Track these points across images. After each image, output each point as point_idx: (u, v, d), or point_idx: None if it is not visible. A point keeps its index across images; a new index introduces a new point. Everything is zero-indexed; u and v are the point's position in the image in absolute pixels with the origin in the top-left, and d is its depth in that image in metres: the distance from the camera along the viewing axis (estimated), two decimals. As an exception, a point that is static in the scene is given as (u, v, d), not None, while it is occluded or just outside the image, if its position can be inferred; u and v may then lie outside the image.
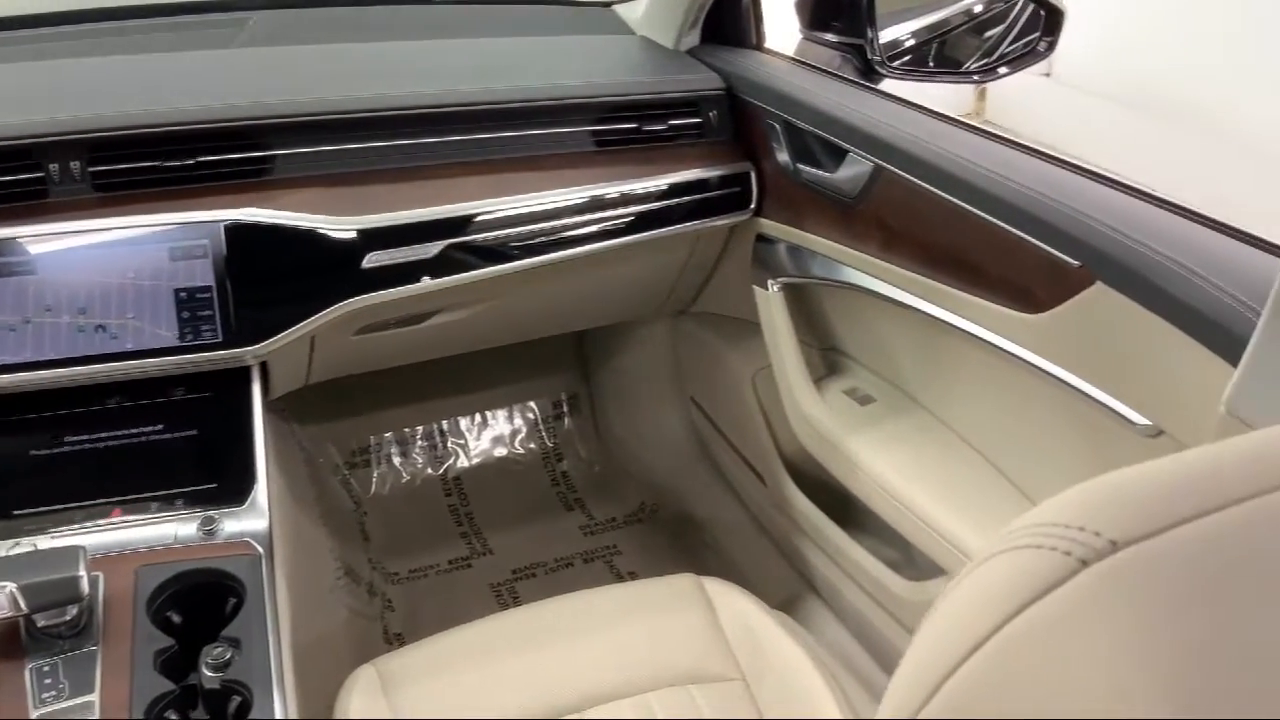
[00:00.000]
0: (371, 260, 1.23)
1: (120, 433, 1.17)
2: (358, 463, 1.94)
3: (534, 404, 2.07)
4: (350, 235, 1.22)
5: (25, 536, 1.04)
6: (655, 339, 1.93)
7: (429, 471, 1.98)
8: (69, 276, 1.13)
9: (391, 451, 1.96)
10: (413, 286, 1.27)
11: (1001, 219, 1.05)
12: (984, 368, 1.21)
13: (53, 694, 0.90)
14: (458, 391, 2.02)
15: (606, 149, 1.40)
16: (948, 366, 1.30)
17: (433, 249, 1.27)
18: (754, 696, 1.11)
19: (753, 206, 1.47)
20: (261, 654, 0.96)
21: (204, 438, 1.17)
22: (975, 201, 1.08)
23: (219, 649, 0.93)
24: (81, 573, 0.91)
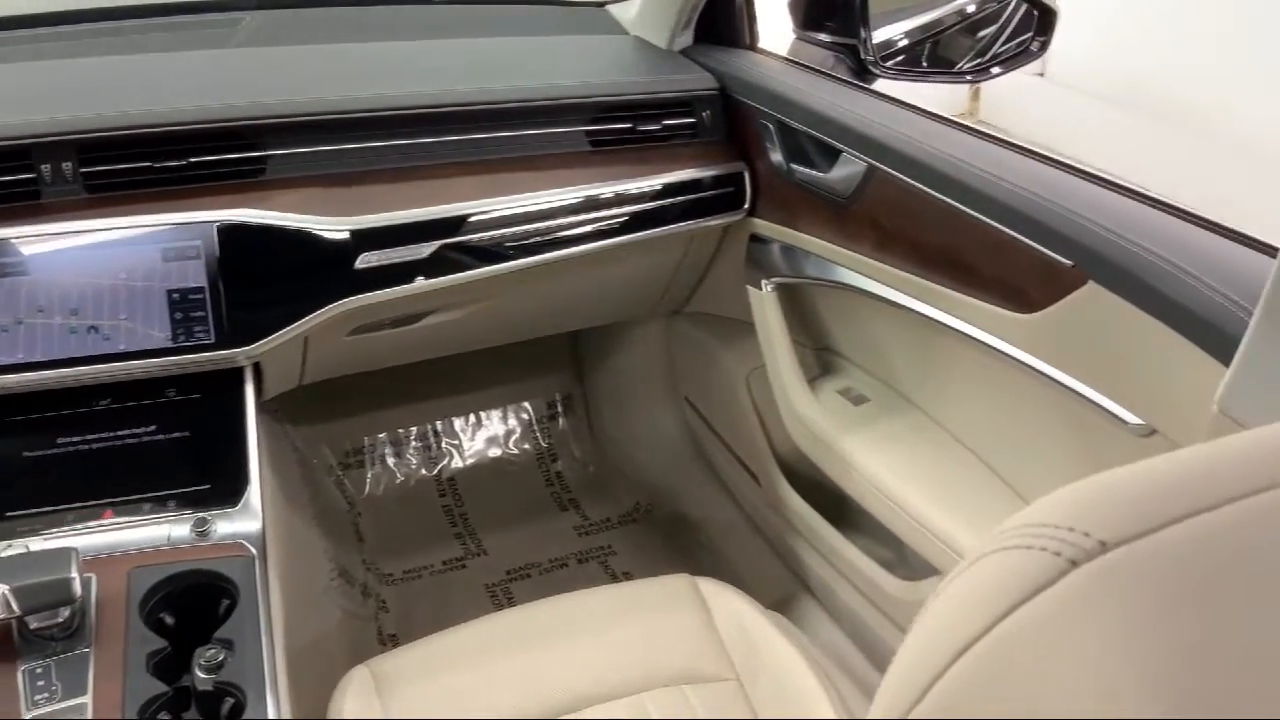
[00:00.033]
0: (365, 261, 1.23)
1: (113, 434, 1.16)
2: (352, 463, 1.94)
3: (528, 404, 2.07)
4: (343, 236, 1.22)
5: (17, 538, 1.03)
6: (649, 339, 1.92)
7: (423, 472, 1.97)
8: (61, 277, 1.13)
9: (385, 452, 1.96)
10: (406, 287, 1.27)
11: (994, 219, 1.05)
12: (977, 367, 1.21)
13: (45, 696, 0.90)
14: (452, 392, 2.02)
15: (601, 149, 1.40)
16: (941, 366, 1.30)
17: (426, 249, 1.27)
18: (748, 697, 1.11)
19: (746, 206, 1.47)
20: (255, 655, 0.96)
21: (197, 439, 1.17)
22: (968, 201, 1.08)
23: (212, 650, 0.92)
24: (74, 574, 0.91)
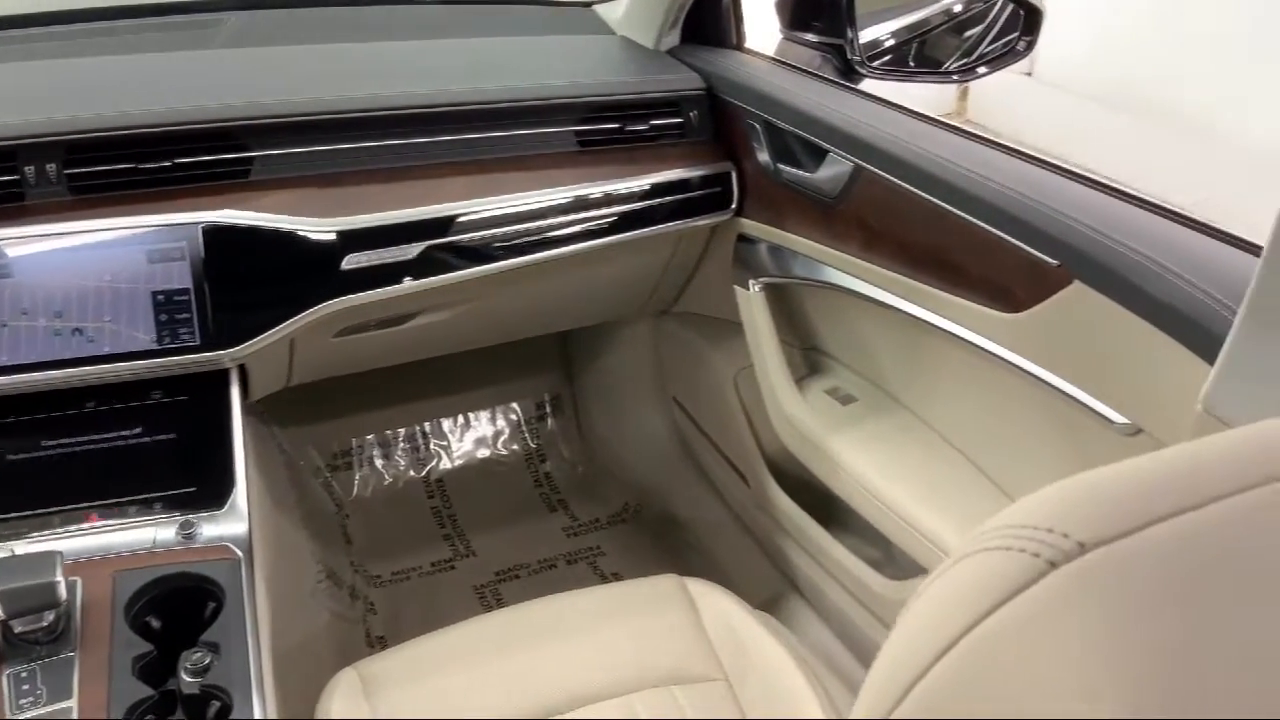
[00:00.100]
0: (351, 262, 1.23)
1: (97, 436, 1.16)
2: (339, 465, 1.93)
3: (517, 405, 2.06)
4: (329, 236, 1.22)
5: (2, 542, 1.03)
6: (638, 339, 1.92)
7: (411, 473, 1.97)
8: (45, 279, 1.12)
9: (373, 454, 1.95)
10: (394, 288, 1.27)
11: (981, 219, 1.05)
12: (964, 367, 1.21)
13: (30, 700, 0.89)
14: (440, 393, 2.01)
15: (589, 149, 1.40)
16: (928, 366, 1.30)
17: (413, 250, 1.27)
18: (737, 697, 1.11)
19: (734, 206, 1.47)
20: (241, 658, 0.96)
21: (182, 441, 1.17)
22: (955, 201, 1.08)
23: (198, 654, 0.92)
24: (58, 578, 0.91)
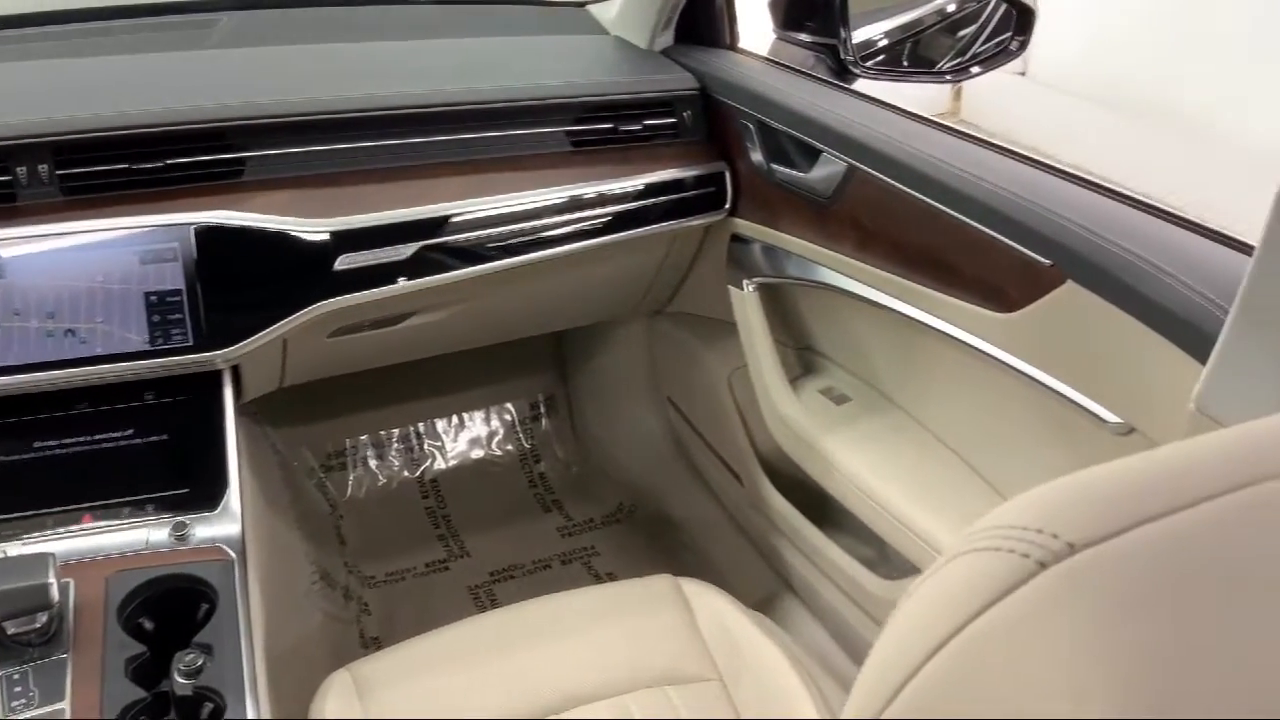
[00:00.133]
0: (344, 262, 1.23)
1: (90, 438, 1.16)
2: (333, 466, 1.93)
3: (511, 405, 2.06)
4: (322, 237, 1.21)
5: (-6, 543, 1.03)
6: (632, 339, 1.92)
7: (405, 474, 1.97)
8: (37, 280, 1.12)
9: (367, 454, 1.95)
10: (387, 288, 1.27)
11: (974, 219, 1.05)
12: (958, 367, 1.21)
13: (22, 702, 0.89)
14: (434, 393, 2.01)
15: (582, 149, 1.40)
16: (922, 366, 1.30)
17: (407, 250, 1.27)
18: (731, 697, 1.11)
19: (727, 206, 1.47)
20: (234, 660, 0.96)
21: (175, 442, 1.16)
22: (948, 201, 1.08)
23: (191, 655, 0.92)
24: (51, 580, 0.91)
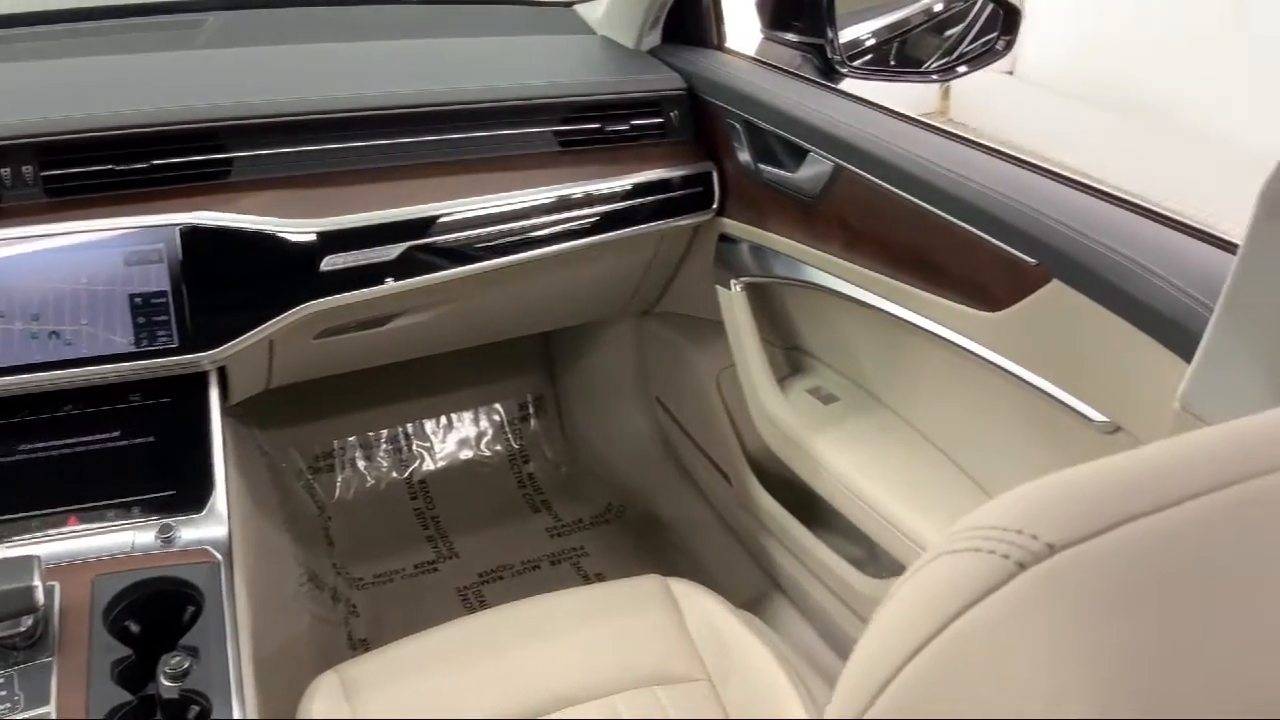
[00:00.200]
0: (330, 263, 1.22)
1: (76, 440, 1.15)
2: (321, 467, 1.92)
3: (500, 406, 2.06)
4: (308, 238, 1.21)
5: (-22, 546, 1.02)
6: (620, 339, 1.92)
7: (394, 475, 1.96)
8: (21, 282, 1.12)
9: (356, 455, 1.95)
10: (374, 289, 1.26)
11: (960, 218, 1.05)
12: (945, 366, 1.22)
13: (7, 706, 0.89)
14: (422, 394, 2.01)
15: (570, 149, 1.40)
16: (909, 365, 1.31)
17: (394, 251, 1.26)
18: (719, 697, 1.11)
19: (715, 206, 1.47)
20: (220, 662, 0.95)
21: (161, 444, 1.16)
22: (934, 201, 1.08)
23: (177, 658, 0.91)
24: (36, 583, 0.90)
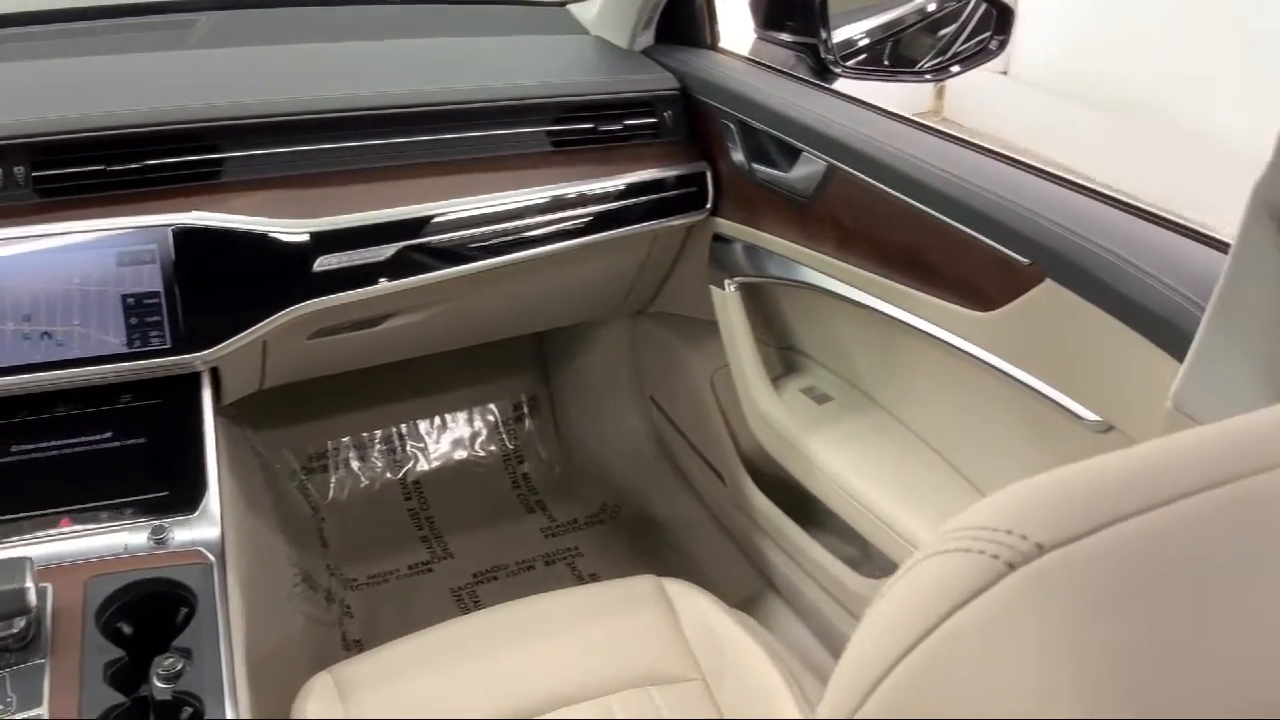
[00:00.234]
0: (323, 263, 1.22)
1: (68, 441, 1.15)
2: (315, 468, 1.92)
3: (494, 406, 2.06)
4: (302, 238, 1.21)
5: (-29, 548, 1.02)
6: (614, 339, 1.92)
7: (388, 475, 1.96)
8: (13, 283, 1.11)
9: (350, 456, 1.94)
10: (368, 289, 1.26)
11: (953, 218, 1.05)
12: (939, 366, 1.22)
13: (0, 708, 0.88)
14: (417, 394, 2.00)
15: (563, 149, 1.40)
16: (903, 365, 1.31)
17: (387, 251, 1.26)
18: (714, 697, 1.11)
19: (709, 206, 1.47)
20: (213, 664, 0.95)
21: (154, 445, 1.16)
22: (927, 201, 1.08)
23: (170, 660, 0.91)
24: (29, 584, 0.90)
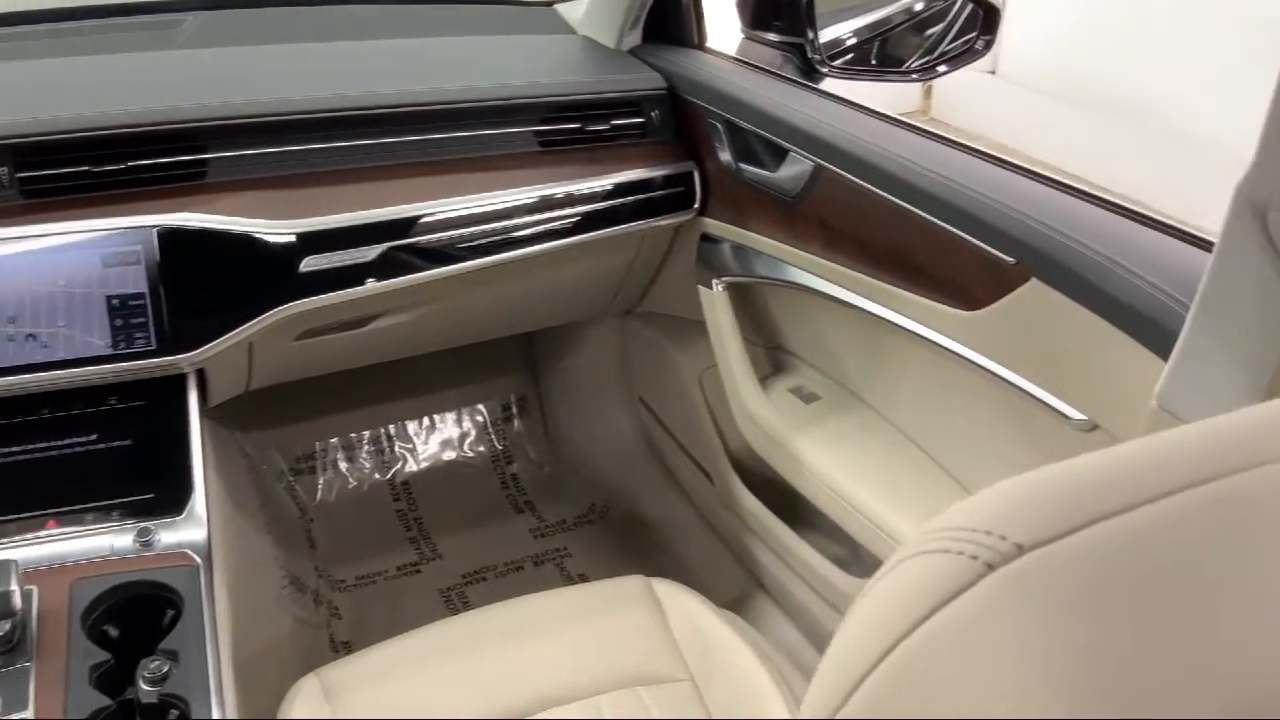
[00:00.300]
0: (310, 264, 1.22)
1: (54, 443, 1.15)
2: (303, 469, 1.92)
3: (483, 406, 2.05)
4: (287, 238, 1.21)
5: (-45, 552, 1.02)
6: (603, 339, 1.92)
7: (376, 476, 1.96)
8: (-2, 285, 1.11)
9: (338, 457, 1.94)
10: (354, 290, 1.26)
11: (939, 217, 1.06)
12: (925, 365, 1.22)
13: (-15, 711, 0.88)
14: (405, 395, 2.00)
15: (551, 149, 1.40)
16: (891, 364, 1.31)
17: (373, 252, 1.26)
18: (702, 697, 1.11)
19: (696, 206, 1.47)
20: (200, 666, 0.95)
21: (140, 447, 1.15)
22: (914, 200, 1.09)
23: (156, 662, 0.91)
24: (14, 587, 0.90)
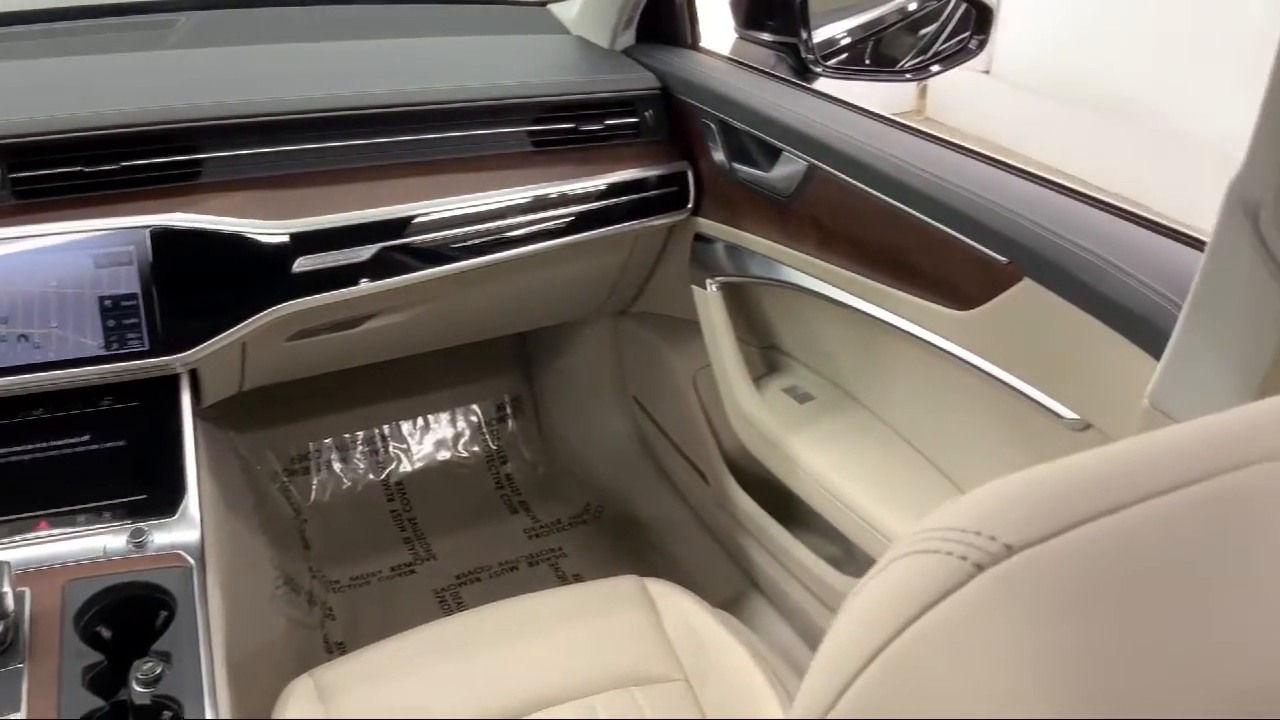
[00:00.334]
0: (303, 264, 1.22)
1: (47, 444, 1.14)
2: (297, 469, 1.91)
3: (477, 406, 2.05)
4: (281, 239, 1.20)
5: (-52, 553, 1.01)
6: (597, 339, 1.92)
7: (370, 477, 1.95)
8: (-10, 285, 1.11)
9: (332, 457, 1.94)
10: (347, 290, 1.26)
11: (932, 217, 1.06)
12: (919, 365, 1.22)
13: (-23, 713, 0.88)
14: (399, 395, 2.00)
15: (544, 149, 1.40)
16: (884, 364, 1.31)
17: (366, 252, 1.26)
18: (696, 697, 1.11)
19: (690, 206, 1.47)
20: (193, 668, 0.95)
21: (133, 448, 1.15)
22: (907, 200, 1.09)
23: (149, 664, 0.91)
24: (6, 589, 0.90)
